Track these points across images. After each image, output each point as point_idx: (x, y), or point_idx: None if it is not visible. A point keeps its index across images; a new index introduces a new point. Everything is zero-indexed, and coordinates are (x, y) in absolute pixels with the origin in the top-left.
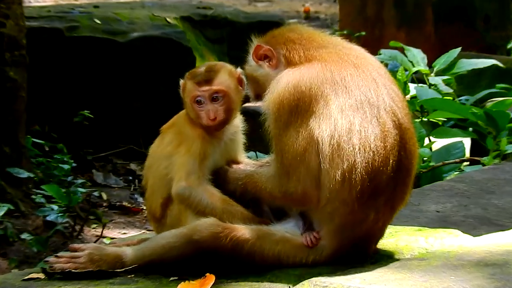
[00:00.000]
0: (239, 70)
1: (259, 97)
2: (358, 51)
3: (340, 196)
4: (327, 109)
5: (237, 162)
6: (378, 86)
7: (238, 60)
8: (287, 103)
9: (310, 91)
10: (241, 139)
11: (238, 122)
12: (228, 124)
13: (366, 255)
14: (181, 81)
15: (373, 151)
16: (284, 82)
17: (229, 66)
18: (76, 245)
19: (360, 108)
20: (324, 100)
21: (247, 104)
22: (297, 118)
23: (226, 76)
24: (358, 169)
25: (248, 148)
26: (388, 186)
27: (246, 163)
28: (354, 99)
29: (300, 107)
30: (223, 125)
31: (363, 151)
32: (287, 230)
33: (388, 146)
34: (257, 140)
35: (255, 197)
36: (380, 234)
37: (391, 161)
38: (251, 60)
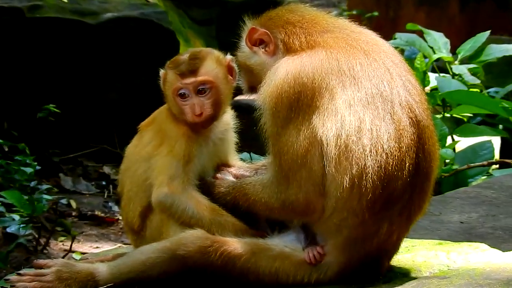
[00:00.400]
0: (229, 57)
1: (253, 89)
2: (369, 36)
3: (349, 205)
4: (332, 104)
5: (228, 165)
6: (393, 77)
7: (229, 45)
8: (286, 97)
9: (313, 83)
10: (232, 138)
11: (228, 118)
12: (216, 121)
13: (378, 273)
14: (162, 71)
15: (387, 153)
16: (283, 72)
17: (216, 53)
18: (42, 261)
19: (371, 102)
20: (329, 94)
21: (239, 97)
22: (298, 114)
23: (213, 64)
24: (369, 174)
25: (241, 148)
26: (404, 193)
27: (239, 166)
28: (364, 92)
29: (302, 102)
30: (210, 121)
31: (374, 153)
32: (286, 244)
33: (404, 147)
34: (251, 139)
35: (248, 211)
36: (394, 249)
37: (407, 164)
38: (244, 45)
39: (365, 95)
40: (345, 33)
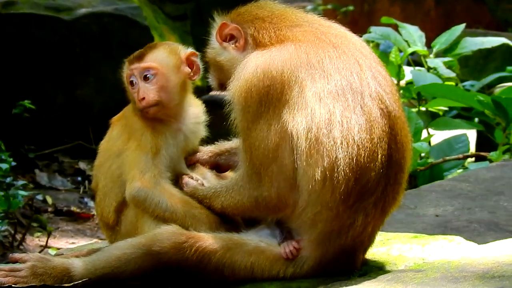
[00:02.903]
0: (189, 50)
1: (223, 86)
2: (338, 29)
3: (322, 198)
4: (302, 97)
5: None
6: (362, 69)
7: (204, 40)
8: (255, 91)
9: (282, 76)
10: (202, 132)
11: (199, 112)
12: (165, 109)
13: (353, 266)
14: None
15: (358, 145)
16: (252, 66)
17: (174, 45)
18: (17, 255)
19: (341, 95)
20: (299, 87)
21: (213, 93)
22: (268, 108)
23: (163, 53)
24: (341, 166)
25: (214, 143)
26: (378, 185)
27: (204, 151)
28: (334, 85)
29: (271, 96)
30: (156, 108)
31: (345, 145)
32: (261, 239)
33: (375, 138)
34: (225, 135)
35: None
36: (369, 241)
37: (379, 155)
38: (214, 41)
39: (334, 87)
40: (314, 27)
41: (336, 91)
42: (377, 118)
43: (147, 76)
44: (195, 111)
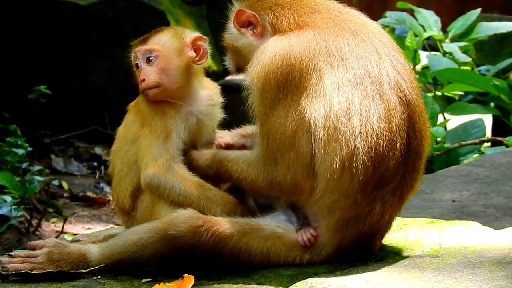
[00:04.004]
0: (195, 34)
1: (240, 70)
2: (357, 17)
3: (340, 186)
4: (320, 86)
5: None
6: (381, 57)
7: (220, 24)
8: (274, 78)
9: (300, 63)
10: (218, 114)
11: (213, 94)
12: (166, 91)
13: (370, 252)
14: None
15: (377, 134)
16: (271, 52)
17: (179, 29)
18: (34, 243)
19: (360, 83)
20: (317, 75)
21: (229, 77)
22: (286, 95)
23: (167, 36)
24: (360, 156)
25: (231, 127)
26: (397, 173)
27: (230, 133)
28: (352, 73)
29: (289, 82)
30: (158, 91)
31: (364, 134)
32: (279, 224)
33: (394, 127)
34: (241, 120)
35: (232, 184)
36: (386, 228)
37: (398, 144)
38: (231, 27)
39: (353, 75)
40: (333, 14)
41: (355, 79)
42: (396, 107)
43: (150, 58)
44: (208, 94)
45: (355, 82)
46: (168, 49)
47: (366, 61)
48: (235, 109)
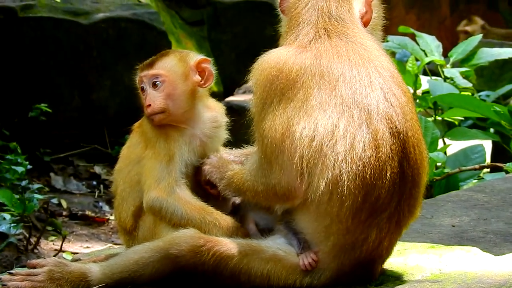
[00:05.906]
0: (200, 57)
1: None
2: (362, 46)
3: (330, 211)
4: (307, 104)
5: None
6: (374, 89)
7: (221, 45)
8: (264, 77)
9: (289, 73)
10: (223, 135)
11: (217, 115)
12: (171, 116)
13: (371, 277)
14: None
15: (363, 162)
16: (267, 57)
17: (185, 53)
18: (34, 261)
19: (347, 111)
20: (304, 92)
21: (231, 98)
22: (272, 97)
23: (173, 61)
24: (345, 182)
25: (233, 147)
26: (391, 201)
27: (231, 152)
28: (340, 100)
29: (276, 86)
30: (163, 116)
31: (350, 160)
32: (280, 246)
33: (383, 157)
34: (243, 141)
35: (236, 196)
36: (387, 254)
37: (388, 173)
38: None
39: (341, 102)
40: (341, 42)
41: (342, 106)
42: (384, 137)
43: (156, 83)
44: (212, 115)
45: (342, 109)
46: (174, 74)
47: (357, 91)
48: (236, 131)
